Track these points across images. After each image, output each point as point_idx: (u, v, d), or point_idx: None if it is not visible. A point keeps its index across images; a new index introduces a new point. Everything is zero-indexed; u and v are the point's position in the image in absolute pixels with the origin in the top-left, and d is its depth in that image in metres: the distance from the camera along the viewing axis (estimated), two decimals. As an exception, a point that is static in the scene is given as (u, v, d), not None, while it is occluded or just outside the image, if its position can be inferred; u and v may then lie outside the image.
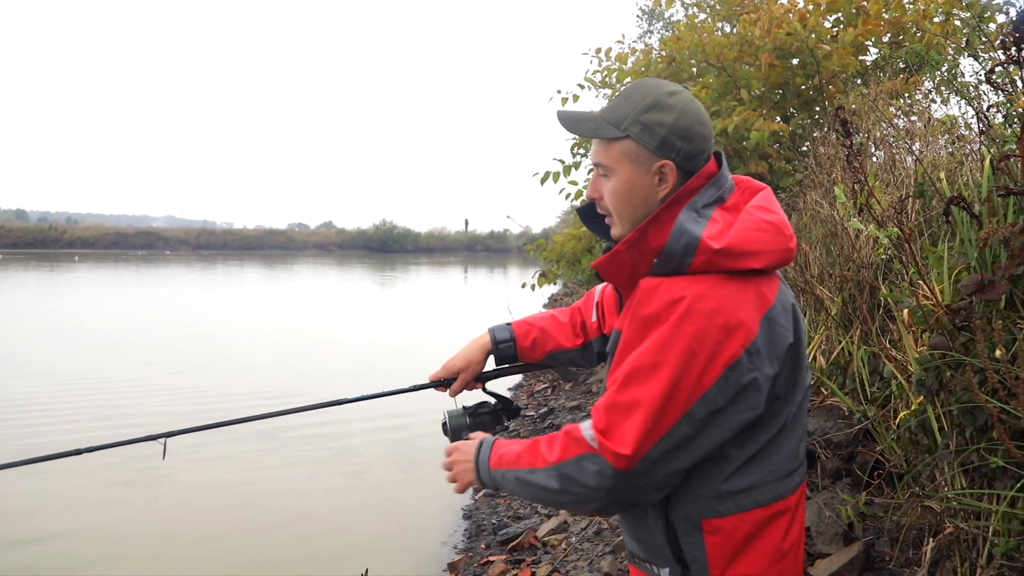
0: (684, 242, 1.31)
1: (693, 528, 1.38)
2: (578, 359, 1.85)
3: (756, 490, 1.38)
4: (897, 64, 5.86)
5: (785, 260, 1.39)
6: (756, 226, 1.36)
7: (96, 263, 43.27)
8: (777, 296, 1.38)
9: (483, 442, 1.54)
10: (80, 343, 13.26)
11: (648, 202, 1.41)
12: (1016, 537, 2.02)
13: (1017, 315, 2.13)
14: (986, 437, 2.13)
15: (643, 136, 1.38)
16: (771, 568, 1.40)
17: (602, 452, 1.30)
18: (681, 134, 1.37)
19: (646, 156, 1.39)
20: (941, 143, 3.63)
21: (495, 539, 4.70)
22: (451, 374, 1.86)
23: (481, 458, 1.51)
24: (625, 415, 1.29)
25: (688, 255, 1.31)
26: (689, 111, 1.39)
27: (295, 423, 7.83)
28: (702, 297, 1.29)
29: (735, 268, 1.32)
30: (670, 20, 23.37)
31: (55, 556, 4.79)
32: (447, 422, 1.79)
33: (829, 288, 3.83)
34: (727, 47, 6.25)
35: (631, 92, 1.43)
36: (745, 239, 1.33)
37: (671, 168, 1.39)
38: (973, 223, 2.45)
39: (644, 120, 1.38)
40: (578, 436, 1.35)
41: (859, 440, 3.39)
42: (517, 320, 1.89)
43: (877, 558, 2.83)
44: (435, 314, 19.73)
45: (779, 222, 1.39)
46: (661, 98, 1.39)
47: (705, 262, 1.31)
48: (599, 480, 1.31)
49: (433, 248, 76.11)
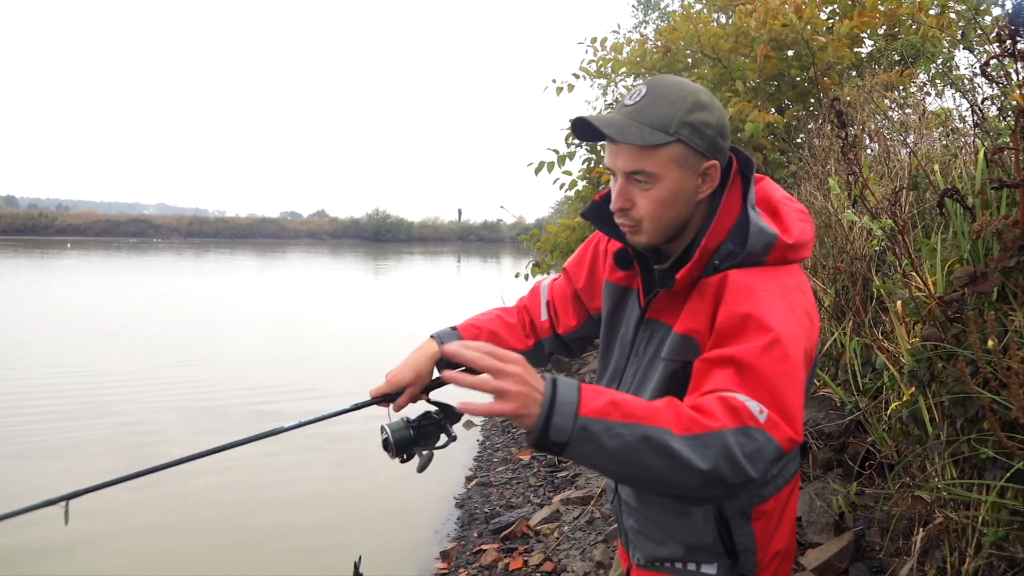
0: (764, 241, 1.32)
1: (743, 518, 1.39)
2: (529, 359, 1.73)
3: (786, 468, 1.44)
4: (892, 56, 5.86)
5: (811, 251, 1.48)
6: (799, 218, 1.41)
7: (87, 250, 43.05)
8: (809, 284, 1.45)
9: (558, 379, 1.12)
10: (73, 332, 13.18)
11: (688, 206, 1.37)
12: (1005, 527, 2.04)
13: (1009, 307, 2.14)
14: (976, 428, 2.15)
15: (694, 138, 1.31)
16: (789, 540, 1.47)
17: (770, 429, 1.11)
18: (723, 132, 1.36)
19: (694, 159, 1.33)
20: (935, 135, 3.65)
21: (487, 528, 4.71)
22: (397, 388, 1.67)
23: (561, 398, 1.08)
24: (785, 394, 1.15)
25: (765, 253, 1.33)
26: (719, 108, 1.37)
27: (287, 411, 7.83)
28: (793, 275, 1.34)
29: (796, 259, 1.37)
30: (666, 10, 23.34)
31: (52, 555, 4.78)
32: (390, 437, 1.60)
33: (822, 279, 3.85)
34: (723, 38, 6.24)
35: (665, 93, 1.33)
36: (802, 231, 1.39)
37: (716, 168, 1.36)
38: (966, 215, 2.46)
39: (692, 121, 1.31)
40: (739, 405, 1.12)
41: (850, 431, 3.41)
42: (463, 323, 1.77)
43: (867, 548, 2.85)
44: (429, 304, 19.70)
45: (806, 209, 1.46)
46: (700, 97, 1.33)
47: (778, 258, 1.34)
48: (757, 461, 1.09)
49: (426, 238, 75.91)
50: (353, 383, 1.82)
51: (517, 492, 5.34)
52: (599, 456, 1.08)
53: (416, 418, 1.63)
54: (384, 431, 1.62)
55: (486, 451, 6.61)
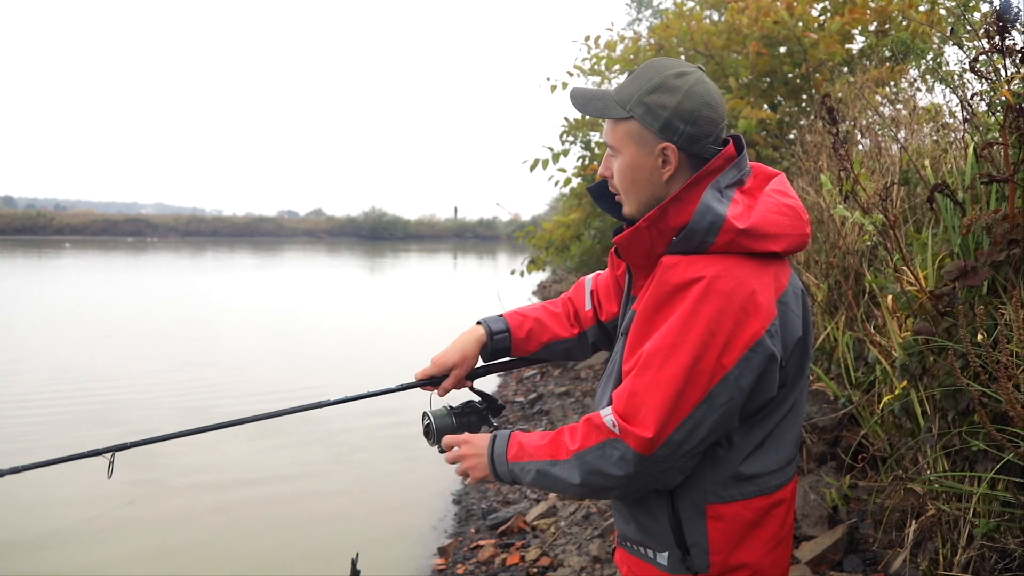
0: (709, 220, 1.30)
1: (697, 513, 1.38)
2: (574, 349, 1.78)
3: (761, 479, 1.39)
4: (883, 52, 5.88)
5: (801, 245, 1.39)
6: (777, 209, 1.36)
7: (85, 250, 42.95)
8: (789, 282, 1.38)
9: (497, 435, 1.49)
10: (75, 334, 13.16)
11: (653, 183, 1.40)
12: (996, 518, 2.06)
13: (999, 301, 2.16)
14: (968, 420, 2.17)
15: (646, 117, 1.36)
16: (767, 556, 1.42)
17: (624, 437, 1.29)
18: (684, 116, 1.35)
19: (649, 137, 1.37)
20: (926, 131, 3.66)
21: (485, 523, 4.73)
22: (444, 370, 1.72)
23: (497, 451, 1.46)
24: (645, 398, 1.28)
25: (712, 233, 1.30)
26: (695, 93, 1.36)
27: (286, 406, 7.82)
28: (721, 277, 1.28)
29: (756, 250, 1.32)
30: (659, 8, 23.35)
31: (48, 552, 4.79)
32: (432, 423, 1.64)
33: (815, 274, 3.87)
34: (715, 35, 6.25)
35: (640, 72, 1.40)
36: (768, 221, 1.33)
37: (672, 151, 1.37)
38: (957, 210, 2.48)
39: (648, 101, 1.36)
40: (598, 423, 1.33)
41: (844, 424, 3.43)
42: (509, 311, 1.80)
43: (861, 540, 2.87)
44: (425, 301, 19.72)
45: (798, 206, 1.40)
46: (667, 79, 1.36)
47: (728, 242, 1.30)
48: (622, 466, 1.29)
49: (423, 235, 75.83)
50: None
51: (514, 488, 5.36)
52: (532, 484, 1.43)
53: (459, 406, 1.67)
54: (426, 417, 1.66)
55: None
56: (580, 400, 7.21)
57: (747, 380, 1.29)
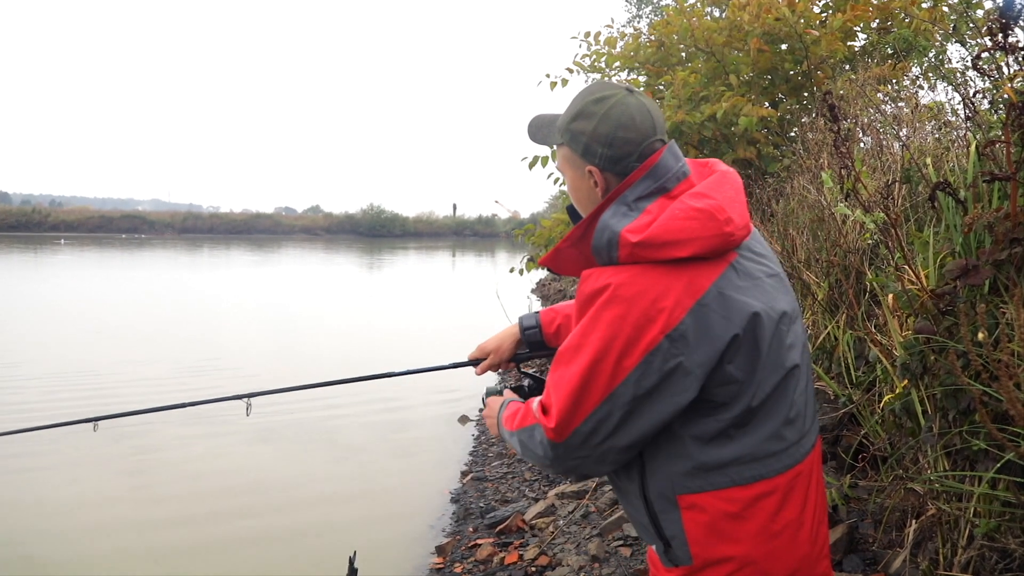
0: (606, 238, 1.38)
1: (669, 504, 1.42)
2: None
3: (731, 469, 1.39)
4: (885, 50, 5.87)
5: (721, 245, 1.36)
6: (684, 215, 1.35)
7: (81, 246, 42.93)
8: (714, 283, 1.35)
9: (505, 402, 1.68)
10: (68, 333, 13.15)
11: (592, 201, 1.51)
12: (996, 518, 2.05)
13: (1000, 300, 2.15)
14: (968, 420, 2.16)
15: (572, 143, 1.49)
16: (757, 549, 1.40)
17: (541, 422, 1.43)
18: (601, 140, 1.45)
19: (578, 161, 1.49)
20: (928, 129, 3.65)
21: (483, 522, 4.72)
22: (483, 355, 2.05)
23: (500, 415, 1.65)
24: (554, 392, 1.40)
25: (612, 249, 1.37)
26: (611, 117, 1.44)
27: (284, 407, 7.82)
28: (624, 284, 1.34)
29: (659, 258, 1.34)
30: (659, 4, 23.31)
31: (44, 552, 4.78)
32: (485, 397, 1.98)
33: (816, 273, 3.86)
34: (716, 32, 6.24)
35: (573, 99, 1.53)
36: (668, 229, 1.33)
37: (596, 172, 1.47)
38: (958, 208, 2.46)
39: (572, 128, 1.48)
40: (532, 408, 1.49)
41: (844, 424, 3.42)
42: (545, 308, 2.02)
43: (861, 540, 2.86)
44: (424, 299, 19.71)
45: (711, 207, 1.36)
46: (586, 106, 1.47)
47: (628, 255, 1.35)
48: (543, 449, 1.43)
49: (421, 233, 75.84)
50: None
51: (512, 486, 5.35)
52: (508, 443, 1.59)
53: (513, 385, 1.96)
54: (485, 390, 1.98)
55: (481, 446, 6.62)
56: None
57: (649, 382, 1.33)
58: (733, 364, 1.36)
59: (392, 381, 1.96)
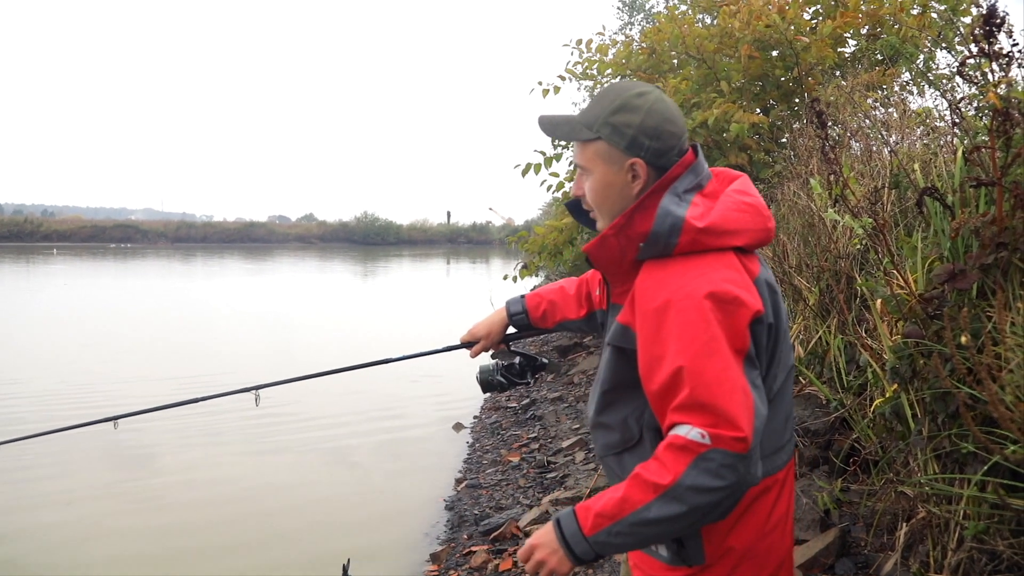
0: (669, 223, 1.38)
1: None
2: (584, 327, 1.99)
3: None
4: (874, 56, 5.91)
5: (764, 239, 1.47)
6: (736, 207, 1.44)
7: (73, 256, 42.78)
8: (760, 273, 1.45)
9: (559, 518, 1.42)
10: (73, 342, 13.10)
11: (624, 198, 1.48)
12: (985, 520, 2.06)
13: (988, 303, 2.17)
14: (957, 423, 2.17)
15: (613, 137, 1.45)
16: (759, 542, 1.46)
17: (719, 444, 1.25)
18: (649, 133, 1.44)
19: (617, 155, 1.46)
20: (916, 134, 3.68)
21: (477, 530, 4.72)
22: (474, 339, 2.09)
23: (568, 533, 1.38)
24: (718, 401, 1.27)
25: (674, 235, 1.38)
26: (656, 111, 1.45)
27: (281, 413, 7.82)
28: (702, 276, 1.35)
29: (719, 246, 1.39)
30: (651, 12, 23.41)
31: (41, 553, 4.77)
32: (478, 376, 2.12)
33: (807, 278, 3.88)
34: (707, 39, 6.27)
35: (602, 95, 1.50)
36: (727, 219, 1.41)
37: (641, 165, 1.45)
38: (946, 213, 2.48)
39: (613, 122, 1.45)
40: (683, 443, 1.27)
41: (836, 428, 3.43)
42: (531, 292, 2.07)
43: (853, 543, 2.87)
44: (419, 307, 19.69)
45: (757, 203, 1.48)
46: (629, 100, 1.45)
47: (690, 241, 1.38)
48: (725, 474, 1.25)
49: (415, 240, 75.70)
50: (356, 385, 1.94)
51: (507, 493, 5.35)
52: (626, 544, 1.35)
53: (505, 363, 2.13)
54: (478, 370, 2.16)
55: (476, 453, 6.61)
56: (573, 405, 7.21)
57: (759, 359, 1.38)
58: (759, 351, 1.42)
59: (388, 386, 1.96)
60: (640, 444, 1.49)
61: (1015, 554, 1.94)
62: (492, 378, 2.13)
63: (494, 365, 2.13)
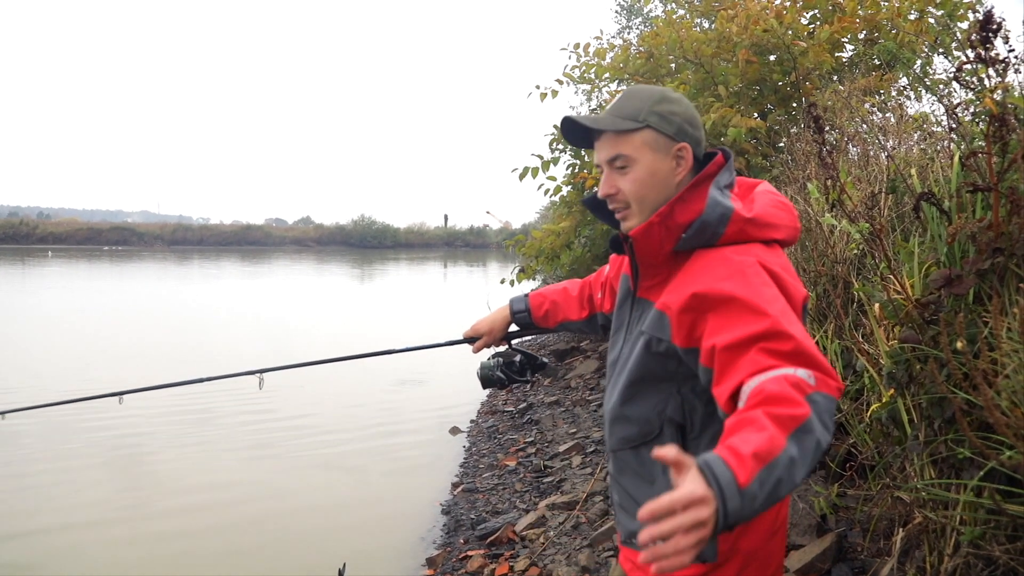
0: (719, 212, 1.44)
1: None
2: (585, 329, 2.06)
3: None
4: (872, 61, 5.92)
5: (795, 237, 1.56)
6: (773, 203, 1.54)
7: (69, 258, 42.69)
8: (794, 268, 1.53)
9: (708, 461, 1.02)
10: (76, 345, 13.07)
11: (667, 186, 1.53)
12: (981, 525, 2.06)
13: (984, 309, 2.17)
14: (953, 428, 2.17)
15: (662, 124, 1.51)
16: (765, 545, 1.50)
17: (822, 388, 1.20)
18: (691, 122, 1.54)
19: (665, 142, 1.52)
20: (913, 139, 3.68)
21: (473, 534, 4.71)
22: (477, 334, 2.15)
23: (724, 482, 1.00)
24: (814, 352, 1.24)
25: (722, 224, 1.44)
26: (687, 104, 1.57)
27: (276, 418, 7.81)
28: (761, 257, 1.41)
29: (762, 238, 1.46)
30: (648, 16, 23.43)
31: (38, 554, 4.75)
32: (479, 371, 2.18)
33: (804, 283, 3.87)
34: (705, 43, 6.28)
35: (634, 93, 1.56)
36: (768, 213, 1.50)
37: (687, 150, 1.52)
38: (943, 218, 2.49)
39: (659, 111, 1.51)
40: (795, 380, 1.18)
41: (832, 433, 3.43)
42: (534, 292, 2.13)
43: (849, 549, 2.87)
44: (416, 311, 19.67)
45: (788, 203, 1.58)
46: (666, 93, 1.55)
47: (737, 231, 1.45)
48: (831, 416, 1.20)
49: (412, 243, 75.67)
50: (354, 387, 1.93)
51: (503, 498, 5.34)
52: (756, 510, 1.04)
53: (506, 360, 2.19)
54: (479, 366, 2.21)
55: (472, 457, 6.60)
56: (570, 410, 7.20)
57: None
58: None
59: (385, 391, 1.96)
60: (659, 438, 1.51)
61: (1011, 559, 1.94)
62: (492, 374, 2.17)
63: (495, 362, 2.17)
